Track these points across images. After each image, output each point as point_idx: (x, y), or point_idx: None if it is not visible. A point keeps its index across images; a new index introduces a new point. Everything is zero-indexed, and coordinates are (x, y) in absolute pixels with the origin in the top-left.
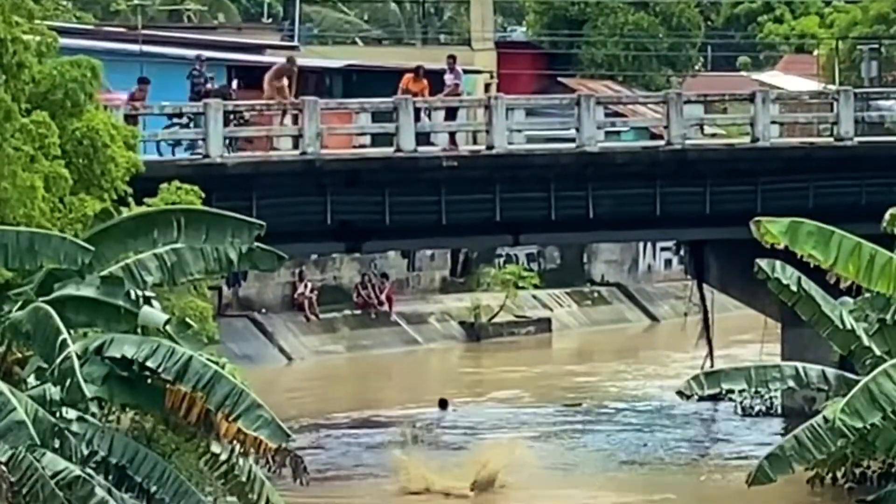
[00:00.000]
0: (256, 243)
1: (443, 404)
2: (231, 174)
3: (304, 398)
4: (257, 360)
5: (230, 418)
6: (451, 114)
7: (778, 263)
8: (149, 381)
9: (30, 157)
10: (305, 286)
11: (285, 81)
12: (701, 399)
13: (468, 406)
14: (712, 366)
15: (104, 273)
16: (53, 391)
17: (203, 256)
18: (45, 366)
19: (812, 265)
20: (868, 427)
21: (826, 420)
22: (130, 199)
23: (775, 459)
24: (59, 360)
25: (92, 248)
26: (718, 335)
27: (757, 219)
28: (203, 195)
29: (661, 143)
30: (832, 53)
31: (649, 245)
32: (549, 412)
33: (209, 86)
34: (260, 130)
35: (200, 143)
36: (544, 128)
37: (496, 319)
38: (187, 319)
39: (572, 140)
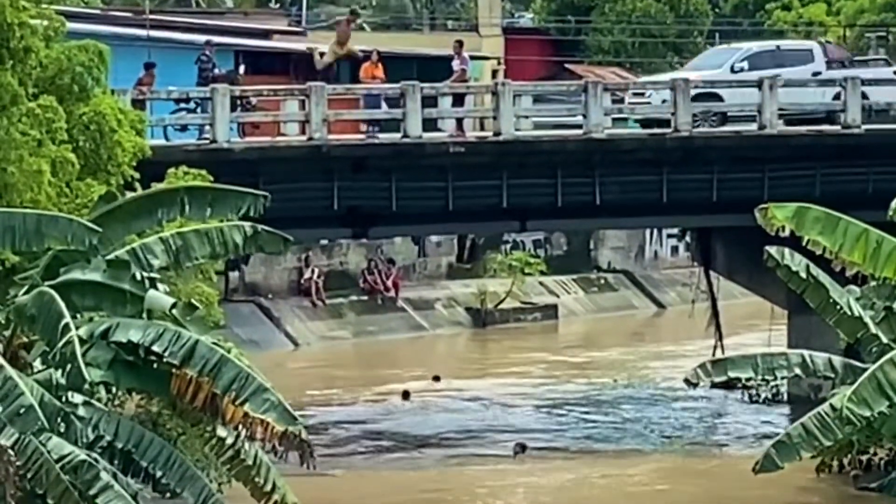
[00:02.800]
0: (262, 226)
1: (436, 379)
2: (238, 159)
3: (310, 382)
4: (263, 345)
5: (237, 402)
6: (458, 100)
7: (787, 250)
8: (155, 365)
9: (37, 142)
10: (312, 272)
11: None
12: (714, 386)
13: (471, 383)
14: (722, 353)
15: (110, 257)
16: (59, 375)
17: (209, 240)
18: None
19: (816, 254)
20: (875, 415)
21: (833, 408)
22: (137, 184)
23: (782, 447)
24: (60, 344)
25: (99, 229)
26: (724, 322)
27: (762, 205)
28: (211, 178)
29: (668, 130)
30: (840, 41)
31: (656, 232)
32: (554, 395)
33: (217, 71)
34: (267, 116)
35: (207, 128)
36: (551, 114)
37: (502, 306)
38: (193, 302)
39: (579, 126)
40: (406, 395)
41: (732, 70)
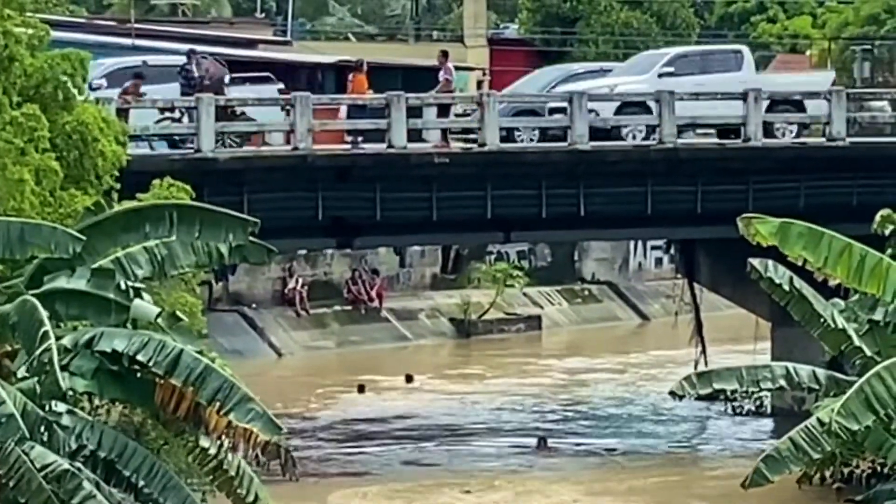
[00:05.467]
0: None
1: (409, 379)
2: (222, 169)
3: (293, 391)
4: (247, 354)
5: (221, 412)
6: (443, 110)
7: (770, 263)
8: (139, 374)
9: (20, 151)
10: (296, 281)
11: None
12: (699, 398)
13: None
14: (706, 365)
15: (94, 266)
16: (38, 384)
17: (193, 250)
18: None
19: (800, 265)
20: (862, 429)
21: (821, 422)
22: (115, 195)
23: (772, 461)
24: (38, 352)
25: (83, 237)
26: (708, 334)
27: (745, 216)
28: (194, 192)
29: (653, 141)
30: (824, 54)
31: (640, 243)
32: (537, 408)
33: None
34: (251, 125)
35: (192, 137)
36: (536, 125)
37: (486, 316)
38: (177, 313)
39: (564, 138)
40: (361, 388)
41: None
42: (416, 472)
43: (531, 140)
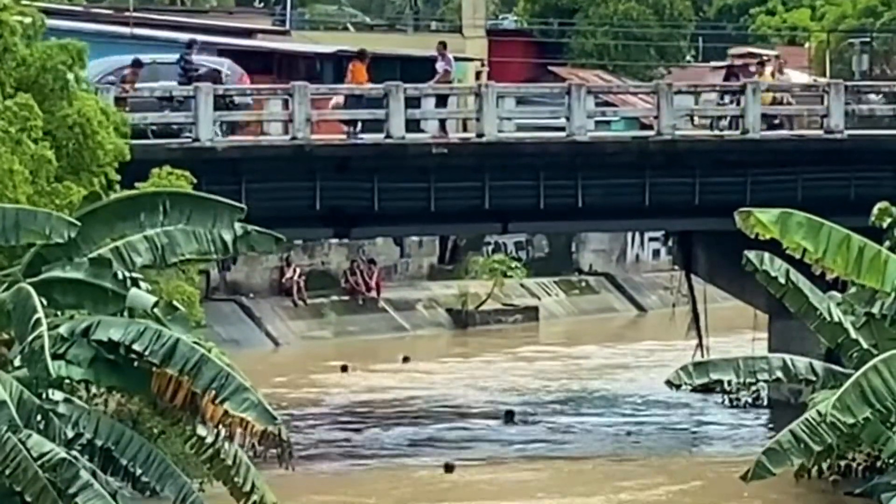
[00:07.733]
0: (252, 226)
1: (405, 360)
2: (221, 158)
3: (290, 380)
4: (244, 344)
5: (216, 401)
6: (441, 101)
7: (766, 255)
8: (135, 363)
9: (15, 141)
10: (293, 271)
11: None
12: (694, 390)
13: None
14: (702, 356)
15: (93, 255)
16: (31, 371)
17: (196, 238)
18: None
19: (797, 258)
20: (860, 421)
21: (821, 414)
22: (117, 186)
23: (773, 454)
24: (29, 339)
25: (78, 223)
26: (705, 327)
27: (744, 209)
28: (194, 180)
29: (651, 133)
30: (823, 46)
31: (637, 235)
32: (533, 399)
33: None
34: (250, 115)
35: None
36: (534, 116)
37: (484, 307)
38: (174, 302)
39: (562, 129)
40: (344, 368)
41: None
42: (413, 455)
43: None
